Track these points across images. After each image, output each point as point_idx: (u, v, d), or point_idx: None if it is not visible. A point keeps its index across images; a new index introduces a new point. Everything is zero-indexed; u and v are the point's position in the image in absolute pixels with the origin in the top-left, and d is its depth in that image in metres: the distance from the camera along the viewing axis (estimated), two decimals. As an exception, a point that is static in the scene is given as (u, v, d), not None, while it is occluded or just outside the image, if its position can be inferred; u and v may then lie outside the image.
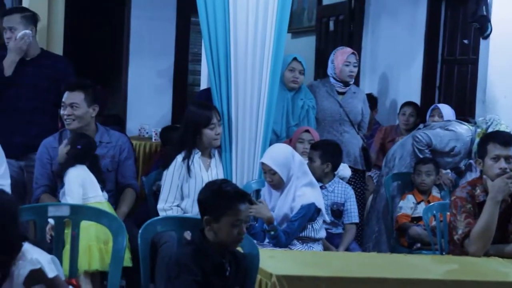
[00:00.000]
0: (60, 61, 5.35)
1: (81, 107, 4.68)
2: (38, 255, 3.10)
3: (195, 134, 4.71)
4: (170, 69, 8.02)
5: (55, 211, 3.61)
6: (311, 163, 4.90)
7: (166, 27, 7.88)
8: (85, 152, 4.48)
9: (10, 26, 5.13)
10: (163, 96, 8.01)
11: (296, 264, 3.69)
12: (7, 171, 4.57)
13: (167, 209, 4.69)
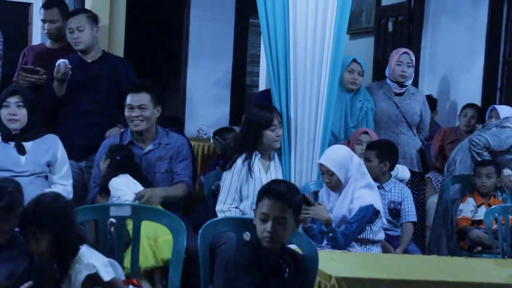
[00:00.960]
0: (120, 63, 5.42)
1: (148, 108, 4.76)
2: (94, 259, 3.15)
3: (256, 135, 4.72)
4: (229, 71, 8.07)
5: (116, 211, 3.66)
6: (368, 163, 4.87)
7: (225, 28, 7.92)
8: (125, 162, 4.58)
9: (78, 26, 5.23)
10: (221, 97, 8.06)
11: (356, 266, 3.68)
12: (69, 171, 4.69)
13: (225, 210, 4.71)
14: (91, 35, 5.26)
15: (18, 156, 4.52)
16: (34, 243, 3.14)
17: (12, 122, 4.52)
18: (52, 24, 5.59)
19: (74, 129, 5.18)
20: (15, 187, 3.17)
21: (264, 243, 3.24)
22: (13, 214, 3.10)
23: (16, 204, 3.11)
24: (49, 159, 4.60)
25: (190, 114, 8.01)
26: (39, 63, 5.51)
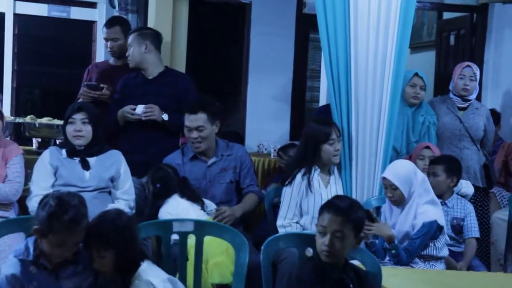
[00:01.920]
0: (181, 78, 5.44)
1: (206, 127, 4.81)
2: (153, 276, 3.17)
3: (315, 150, 4.71)
4: (289, 86, 8.06)
5: (179, 227, 3.68)
6: (435, 178, 4.82)
7: (285, 43, 7.92)
8: (167, 187, 4.60)
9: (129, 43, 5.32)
10: (281, 112, 8.05)
11: (419, 283, 3.63)
12: (132, 187, 4.75)
13: (286, 225, 4.69)
14: (139, 53, 5.30)
15: (82, 172, 4.58)
16: (98, 260, 3.18)
17: (77, 138, 4.59)
18: (114, 42, 5.68)
19: (135, 146, 5.24)
20: (80, 201, 3.20)
21: (322, 257, 3.23)
22: (78, 227, 3.13)
23: (81, 217, 3.14)
24: (113, 175, 4.66)
25: (250, 129, 8.02)
26: (102, 79, 5.61)
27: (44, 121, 6.20)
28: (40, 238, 3.13)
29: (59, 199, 3.14)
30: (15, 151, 4.69)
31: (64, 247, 3.12)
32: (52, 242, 3.10)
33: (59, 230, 3.08)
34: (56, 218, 3.08)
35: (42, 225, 3.11)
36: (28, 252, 3.17)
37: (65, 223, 3.08)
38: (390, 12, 4.73)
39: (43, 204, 3.16)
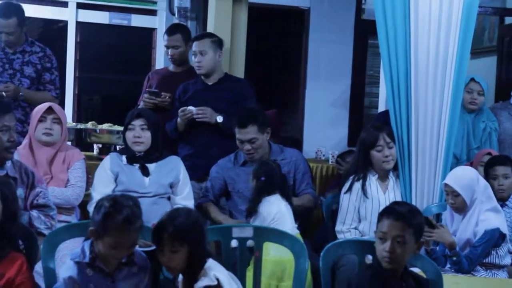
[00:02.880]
0: (240, 84, 5.47)
1: (258, 138, 4.83)
2: (218, 271, 3.18)
3: (365, 155, 4.70)
4: (347, 92, 8.04)
5: (239, 232, 3.69)
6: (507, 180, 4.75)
7: (343, 49, 7.92)
8: (270, 181, 4.53)
9: (201, 50, 5.32)
10: (339, 118, 8.04)
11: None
12: (191, 192, 4.78)
13: (345, 231, 4.68)
14: (213, 60, 5.34)
15: (142, 178, 4.64)
16: (169, 255, 3.18)
17: (136, 145, 4.64)
18: (175, 49, 5.73)
19: (196, 150, 5.28)
20: (134, 202, 3.21)
21: (383, 263, 3.21)
22: (132, 227, 3.15)
23: (135, 217, 3.16)
24: (172, 180, 4.70)
25: (308, 135, 8.03)
26: (162, 86, 5.66)
27: (105, 127, 6.29)
28: (95, 239, 3.17)
29: (113, 201, 3.17)
30: (77, 157, 4.76)
31: (119, 248, 3.15)
32: (108, 243, 3.13)
33: (113, 230, 3.11)
34: (111, 218, 3.11)
35: (97, 226, 3.14)
36: (84, 254, 3.20)
37: (119, 223, 3.11)
38: (452, 17, 4.68)
39: (98, 206, 3.20)
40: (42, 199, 3.95)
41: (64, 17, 7.68)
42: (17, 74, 5.47)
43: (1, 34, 5.42)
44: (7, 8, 5.48)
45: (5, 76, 5.44)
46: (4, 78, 5.42)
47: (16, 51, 5.50)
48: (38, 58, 5.53)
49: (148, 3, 7.92)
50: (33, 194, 3.91)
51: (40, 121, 4.66)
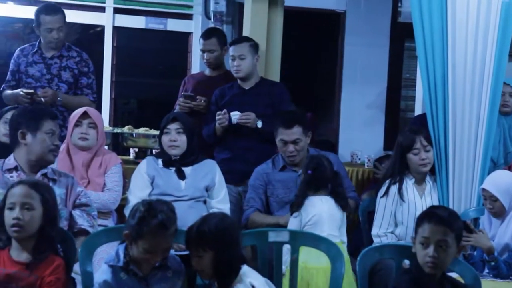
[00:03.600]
0: (276, 88, 5.47)
1: (302, 140, 4.83)
2: (254, 278, 3.18)
3: (402, 159, 4.67)
4: (383, 95, 8.01)
5: (275, 237, 3.69)
6: None
7: (379, 53, 7.89)
8: (317, 176, 4.45)
9: (240, 54, 5.34)
10: (375, 122, 8.00)
11: (521, 297, 3.54)
12: (226, 196, 4.78)
13: (381, 235, 4.65)
14: (251, 64, 5.36)
15: (178, 181, 4.65)
16: (196, 259, 3.21)
17: (172, 148, 4.66)
18: (211, 53, 5.75)
19: (234, 154, 5.29)
20: (169, 207, 3.24)
21: (426, 268, 3.18)
22: (167, 232, 3.17)
23: (170, 222, 3.19)
24: (208, 184, 4.71)
25: (343, 139, 8.01)
26: (198, 90, 5.69)
27: (141, 131, 6.32)
28: (130, 243, 3.19)
29: (148, 205, 3.20)
30: (114, 161, 4.78)
31: (154, 253, 3.17)
32: (142, 247, 3.15)
33: (148, 234, 3.14)
34: (146, 222, 3.14)
35: (132, 230, 3.17)
36: (119, 258, 3.23)
37: (154, 227, 3.13)
38: (489, 19, 4.63)
39: (134, 210, 3.23)
40: (84, 199, 4.01)
41: (102, 22, 7.74)
42: (54, 79, 5.51)
43: (52, 31, 5.46)
44: (52, 5, 5.64)
45: (43, 81, 5.48)
46: (42, 83, 5.47)
47: (53, 56, 5.55)
48: (75, 62, 5.57)
49: (184, 8, 7.96)
50: (74, 194, 3.96)
51: (76, 125, 4.70)
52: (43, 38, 5.51)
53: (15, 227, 3.21)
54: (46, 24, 5.45)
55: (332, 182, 4.49)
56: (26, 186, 3.28)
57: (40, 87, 5.41)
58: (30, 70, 5.50)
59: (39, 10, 5.54)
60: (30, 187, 3.28)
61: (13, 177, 3.89)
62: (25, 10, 7.55)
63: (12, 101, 5.37)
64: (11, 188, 3.30)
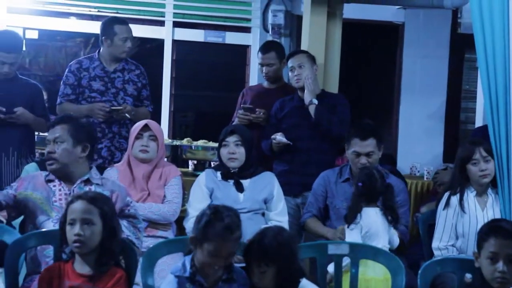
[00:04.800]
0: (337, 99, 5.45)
1: (375, 153, 4.75)
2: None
3: (462, 170, 4.60)
4: (442, 107, 7.93)
5: (335, 249, 3.68)
6: None
7: (438, 64, 7.83)
8: (368, 188, 4.38)
9: (299, 63, 5.35)
10: (434, 134, 7.93)
11: None
12: (285, 208, 4.78)
13: (442, 248, 4.59)
14: (311, 73, 5.35)
15: (236, 194, 4.67)
16: (259, 275, 3.22)
17: (231, 161, 4.68)
18: (270, 67, 5.76)
19: (292, 167, 5.28)
20: (234, 212, 3.28)
21: (495, 284, 3.14)
22: (232, 236, 3.19)
23: (235, 226, 3.21)
24: (266, 196, 4.71)
25: (402, 151, 7.95)
26: (257, 102, 5.70)
27: (200, 143, 6.37)
28: (195, 247, 3.21)
29: (214, 209, 3.25)
30: (174, 173, 4.83)
31: (218, 257, 3.18)
32: (207, 251, 3.17)
33: (214, 237, 3.16)
34: (212, 225, 3.17)
35: (198, 233, 3.20)
36: (185, 269, 3.25)
37: (220, 230, 3.16)
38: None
39: (200, 215, 3.26)
40: (133, 210, 4.01)
41: (161, 36, 7.84)
42: (120, 92, 5.54)
43: (127, 41, 5.53)
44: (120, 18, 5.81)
45: (109, 95, 5.51)
46: (108, 97, 5.50)
47: (116, 70, 5.59)
48: (136, 75, 5.62)
49: (242, 21, 8.01)
50: (121, 201, 3.94)
51: (137, 138, 4.75)
52: (116, 49, 5.52)
53: (76, 243, 3.27)
54: (122, 33, 5.50)
55: (383, 195, 4.43)
56: (85, 201, 3.32)
57: (106, 101, 5.46)
58: (93, 84, 5.51)
59: (112, 20, 5.62)
60: (89, 202, 3.32)
61: (55, 186, 3.97)
62: (87, 25, 7.71)
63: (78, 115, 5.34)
64: (71, 203, 3.35)
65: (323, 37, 5.80)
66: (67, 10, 7.65)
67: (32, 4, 7.52)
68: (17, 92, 5.33)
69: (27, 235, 3.71)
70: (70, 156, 3.95)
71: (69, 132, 3.97)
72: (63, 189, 3.96)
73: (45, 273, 3.33)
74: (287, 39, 7.71)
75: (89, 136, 4.04)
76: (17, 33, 5.66)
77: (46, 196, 3.91)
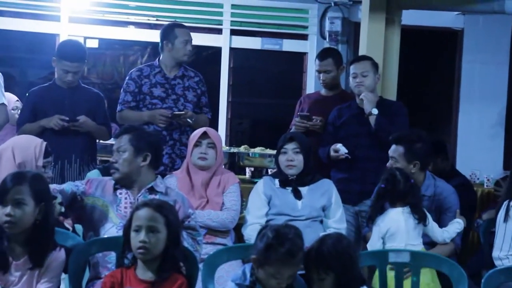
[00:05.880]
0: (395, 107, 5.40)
1: None
2: None
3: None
4: (502, 113, 7.84)
5: (395, 257, 3.65)
6: None
7: (498, 70, 7.74)
8: (390, 189, 4.36)
9: (362, 71, 5.29)
10: (494, 140, 7.85)
11: None
12: (343, 215, 4.77)
13: (502, 257, 4.51)
14: (373, 81, 5.31)
15: (295, 201, 4.66)
16: (318, 283, 3.21)
17: (289, 168, 4.69)
18: (327, 74, 5.75)
19: (351, 175, 5.26)
20: (296, 233, 3.24)
21: None
22: (294, 260, 3.18)
23: (297, 250, 3.19)
24: (324, 203, 4.70)
25: (462, 158, 7.86)
26: (314, 110, 5.68)
27: (257, 150, 6.39)
28: (257, 267, 3.22)
29: (276, 232, 3.21)
30: (232, 180, 4.84)
31: (280, 278, 3.19)
32: (268, 273, 3.18)
33: (275, 262, 3.16)
34: (273, 250, 3.16)
35: (259, 255, 3.19)
36: (245, 277, 3.26)
37: (281, 255, 3.15)
38: None
39: (261, 235, 3.24)
40: (193, 222, 4.02)
41: (219, 44, 7.90)
42: (180, 99, 5.57)
43: (188, 43, 5.59)
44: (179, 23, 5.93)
45: (169, 102, 5.54)
46: (168, 104, 5.53)
47: (176, 76, 5.62)
48: (195, 82, 5.66)
49: (299, 28, 8.02)
50: (183, 212, 3.95)
51: (195, 145, 4.78)
52: (177, 52, 5.58)
53: (141, 250, 3.29)
54: (183, 36, 5.57)
55: (409, 195, 4.36)
56: (151, 209, 3.34)
57: (167, 108, 5.51)
58: (154, 91, 5.56)
59: (172, 25, 5.73)
60: (155, 210, 3.34)
61: (121, 193, 4.01)
62: (145, 34, 7.81)
63: (139, 121, 5.39)
64: (136, 210, 3.38)
65: (381, 44, 5.77)
66: (126, 19, 7.77)
67: (92, 14, 7.65)
68: (80, 100, 5.42)
69: (90, 241, 3.77)
70: (130, 166, 3.99)
71: (131, 142, 4.02)
72: (128, 197, 4.00)
73: (107, 279, 3.36)
74: (344, 46, 7.69)
75: (151, 145, 4.06)
76: (80, 42, 5.78)
77: (112, 203, 3.96)
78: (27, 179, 3.40)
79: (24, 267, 3.39)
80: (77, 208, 3.96)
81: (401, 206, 4.31)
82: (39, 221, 3.40)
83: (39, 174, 3.59)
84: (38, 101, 5.43)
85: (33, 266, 3.38)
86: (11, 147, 3.99)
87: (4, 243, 3.38)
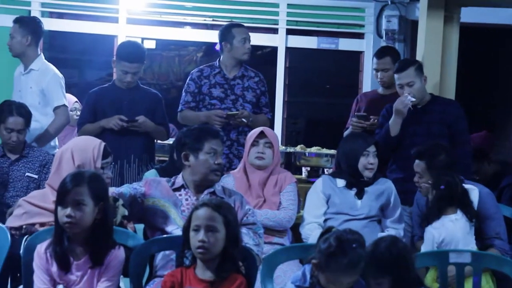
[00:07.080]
0: (450, 106, 5.32)
1: None
2: None
3: None
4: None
5: (456, 258, 3.61)
6: None
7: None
8: (450, 191, 4.28)
9: (408, 82, 5.18)
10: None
11: None
12: (402, 215, 4.79)
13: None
14: (421, 87, 5.20)
15: (354, 200, 4.65)
16: (375, 287, 3.20)
17: (369, 171, 4.68)
18: (385, 72, 5.72)
19: (407, 174, 5.19)
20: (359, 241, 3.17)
21: None
22: (355, 270, 3.15)
23: (358, 260, 3.14)
24: (383, 203, 4.68)
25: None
26: (371, 109, 5.65)
27: (313, 150, 6.38)
28: (317, 271, 3.21)
29: (339, 240, 3.15)
30: (289, 180, 4.85)
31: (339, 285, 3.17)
32: (328, 279, 3.16)
33: (335, 270, 3.13)
34: (335, 259, 3.13)
35: (320, 260, 3.17)
36: (305, 279, 3.25)
37: (342, 265, 3.12)
38: None
39: (324, 239, 3.21)
40: (252, 217, 4.03)
41: (275, 43, 7.90)
42: (239, 99, 5.62)
43: (246, 42, 5.63)
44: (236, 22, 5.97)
45: (228, 102, 5.60)
46: (227, 105, 5.59)
47: (235, 77, 5.67)
48: (255, 83, 5.69)
49: (356, 27, 7.99)
50: (242, 212, 3.99)
51: (253, 145, 4.81)
52: (236, 51, 5.63)
53: (200, 249, 3.31)
54: (240, 35, 5.62)
55: (463, 199, 4.30)
56: (210, 208, 3.35)
57: (225, 108, 5.55)
58: (214, 91, 5.62)
59: (229, 25, 5.77)
60: (214, 209, 3.35)
61: (181, 195, 4.02)
62: (202, 34, 7.86)
63: (196, 122, 5.34)
64: (196, 210, 3.39)
65: (439, 42, 5.70)
66: (183, 20, 7.83)
67: (150, 15, 7.74)
68: (138, 100, 5.49)
69: (150, 240, 3.80)
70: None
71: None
72: (190, 198, 4.02)
73: (167, 278, 3.39)
74: (401, 45, 7.62)
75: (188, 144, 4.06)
76: (139, 43, 5.84)
77: (174, 205, 3.98)
78: (86, 179, 3.44)
79: (85, 267, 3.44)
80: (138, 211, 3.98)
81: (453, 213, 4.25)
82: (98, 220, 3.45)
83: (97, 173, 3.64)
84: (98, 102, 5.51)
85: (93, 265, 3.43)
86: (70, 149, 4.04)
87: (65, 243, 3.44)
